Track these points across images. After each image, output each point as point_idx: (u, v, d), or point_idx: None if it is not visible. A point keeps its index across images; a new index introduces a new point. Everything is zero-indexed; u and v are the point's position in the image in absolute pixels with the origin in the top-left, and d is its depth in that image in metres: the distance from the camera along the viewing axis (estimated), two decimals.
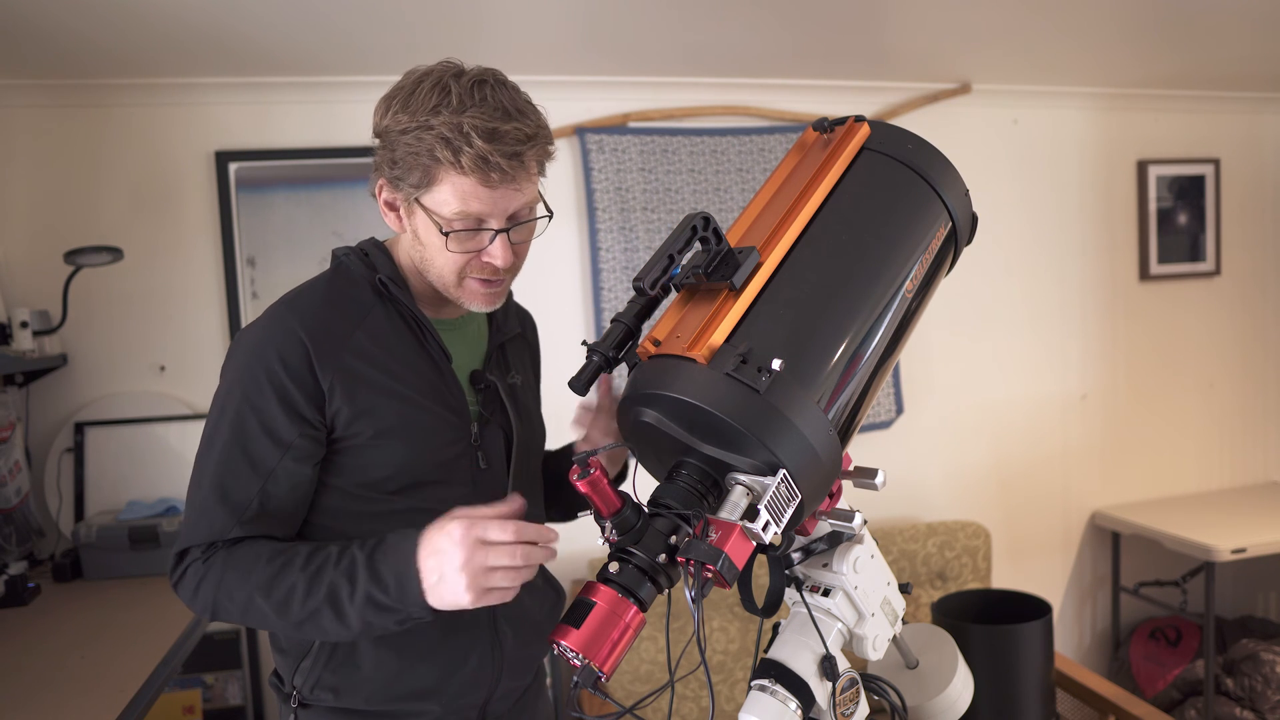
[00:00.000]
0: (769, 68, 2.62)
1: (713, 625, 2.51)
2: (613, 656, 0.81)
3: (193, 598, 1.02)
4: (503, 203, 1.01)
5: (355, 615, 0.95)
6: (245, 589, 0.97)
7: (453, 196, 0.99)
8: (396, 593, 0.93)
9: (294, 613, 0.96)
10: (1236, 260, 3.32)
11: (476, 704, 1.14)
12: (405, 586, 0.92)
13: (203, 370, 2.44)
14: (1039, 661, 2.07)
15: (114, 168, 2.37)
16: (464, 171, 0.97)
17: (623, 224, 2.62)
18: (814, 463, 0.81)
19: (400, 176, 1.02)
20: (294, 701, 1.12)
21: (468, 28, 2.13)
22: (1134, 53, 2.69)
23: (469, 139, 0.96)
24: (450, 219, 1.00)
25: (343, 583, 0.95)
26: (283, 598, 0.96)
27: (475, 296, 1.08)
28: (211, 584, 0.99)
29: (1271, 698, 2.74)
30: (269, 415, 1.01)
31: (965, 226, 1.00)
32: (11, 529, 2.13)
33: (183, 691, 2.37)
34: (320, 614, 0.96)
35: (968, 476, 3.06)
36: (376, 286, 1.10)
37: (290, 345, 1.02)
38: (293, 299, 1.08)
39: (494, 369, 1.17)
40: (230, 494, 1.01)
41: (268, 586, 0.97)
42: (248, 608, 0.98)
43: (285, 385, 1.01)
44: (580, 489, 0.81)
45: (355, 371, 1.04)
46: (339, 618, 0.95)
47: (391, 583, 0.93)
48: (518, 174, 1.00)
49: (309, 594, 0.95)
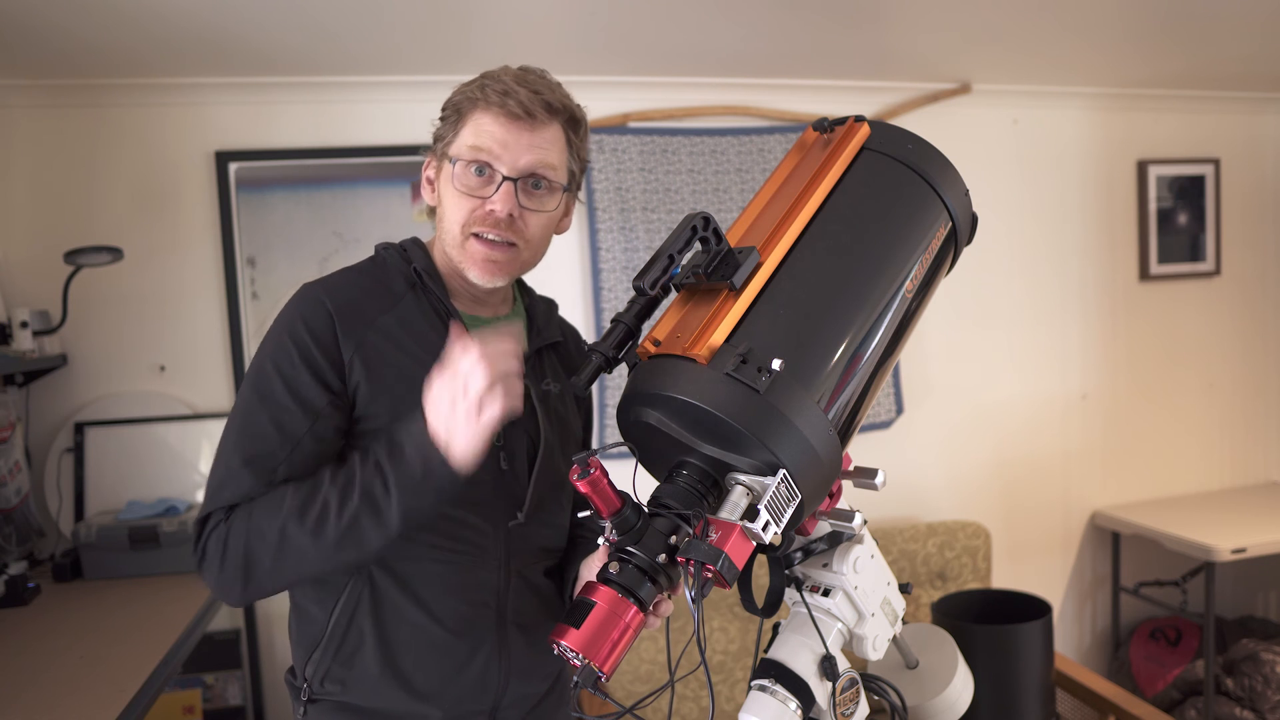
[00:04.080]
0: (769, 68, 2.62)
1: (713, 625, 2.51)
2: (613, 656, 0.81)
3: (220, 563, 0.98)
4: (515, 145, 1.05)
5: (394, 508, 0.95)
6: (276, 522, 0.96)
7: (471, 131, 1.06)
8: (423, 465, 0.94)
9: (330, 530, 0.95)
10: (1236, 260, 3.32)
11: (484, 709, 1.13)
12: (428, 454, 0.94)
13: (203, 370, 2.44)
14: (1039, 661, 2.07)
15: (114, 168, 2.37)
16: (488, 105, 1.04)
17: (623, 224, 2.62)
18: (814, 463, 0.81)
19: (440, 136, 1.10)
20: (304, 695, 1.12)
21: (467, 28, 2.13)
22: (1134, 52, 2.69)
23: (499, 78, 1.06)
24: (464, 151, 1.05)
25: (374, 480, 0.95)
26: (317, 516, 0.95)
27: (476, 260, 1.08)
28: (240, 533, 0.97)
29: (1271, 698, 2.74)
30: (297, 381, 1.02)
31: (965, 226, 1.00)
32: (11, 529, 2.13)
33: (183, 691, 2.37)
34: (359, 520, 0.95)
35: (968, 476, 3.06)
36: (410, 278, 1.12)
37: (317, 314, 1.05)
38: (325, 278, 1.11)
39: (528, 373, 1.16)
40: (257, 459, 1.00)
41: (300, 511, 0.96)
42: (281, 544, 0.96)
43: (311, 351, 1.03)
44: (580, 489, 0.81)
45: (378, 349, 1.05)
46: (377, 517, 0.95)
47: (417, 458, 0.95)
48: (537, 116, 1.05)
49: (343, 503, 0.95)
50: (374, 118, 2.47)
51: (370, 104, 2.47)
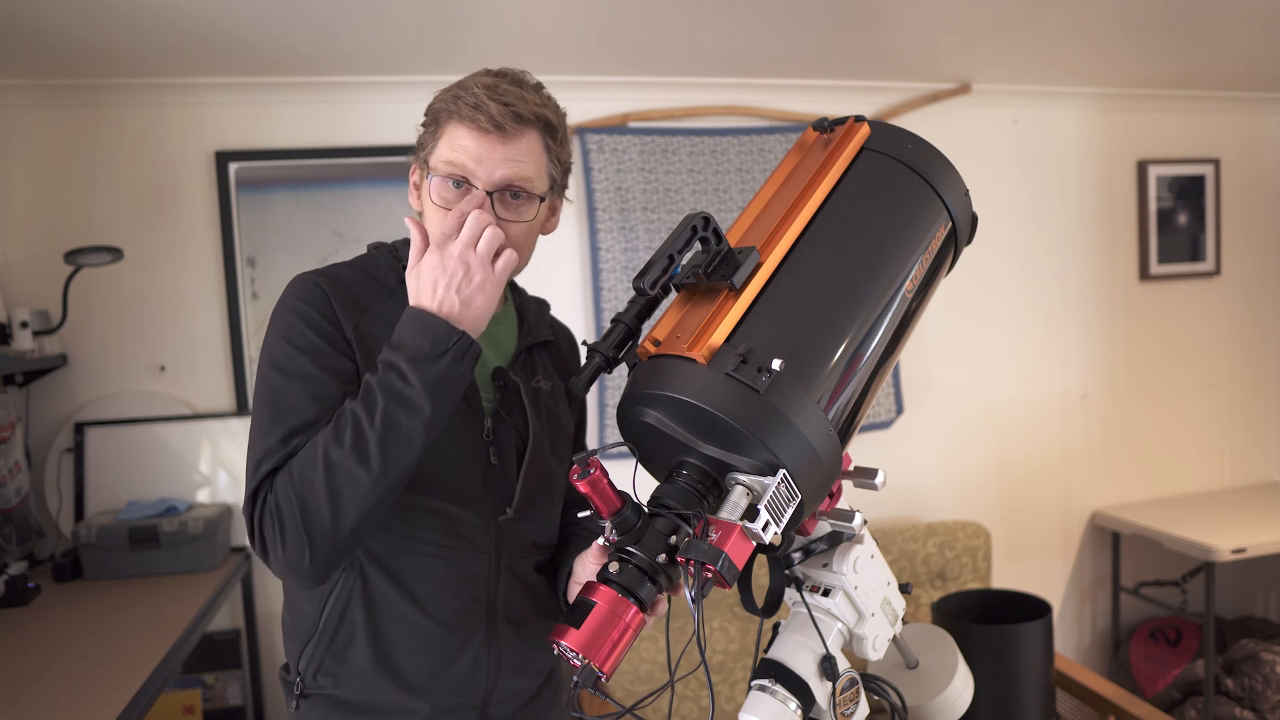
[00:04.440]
0: (769, 68, 2.62)
1: (713, 625, 2.51)
2: (613, 656, 0.81)
3: (280, 533, 0.95)
4: (489, 161, 1.04)
5: (421, 393, 0.95)
6: (315, 457, 0.95)
7: (447, 144, 1.05)
8: (432, 342, 0.96)
9: (369, 439, 0.94)
10: (1236, 260, 3.32)
11: (474, 703, 1.14)
12: (433, 328, 0.96)
13: (203, 370, 2.44)
14: (1039, 661, 2.07)
15: (114, 168, 2.37)
16: (460, 118, 1.03)
17: (623, 224, 2.62)
18: (814, 463, 0.81)
19: (423, 144, 1.09)
20: (297, 689, 1.13)
21: (467, 28, 2.13)
22: (1134, 52, 2.69)
23: (471, 90, 1.04)
24: (439, 166, 1.05)
25: (390, 376, 0.96)
26: (353, 434, 0.95)
27: None
28: (285, 490, 0.96)
29: (1271, 698, 2.74)
30: (318, 351, 1.03)
31: (965, 226, 1.00)
32: (11, 529, 2.13)
33: (183, 691, 2.37)
34: (392, 417, 0.95)
35: (968, 476, 3.06)
36: (400, 274, 1.13)
37: (314, 292, 1.07)
38: (319, 269, 1.12)
39: (518, 370, 1.18)
40: (298, 432, 1.00)
41: (335, 438, 0.96)
42: (330, 479, 0.94)
43: (321, 323, 1.05)
44: (580, 489, 0.81)
45: (373, 334, 1.07)
46: (409, 407, 0.95)
47: (424, 340, 0.96)
48: (508, 129, 1.03)
49: (371, 412, 0.95)
50: (374, 118, 2.47)
51: (370, 104, 2.47)
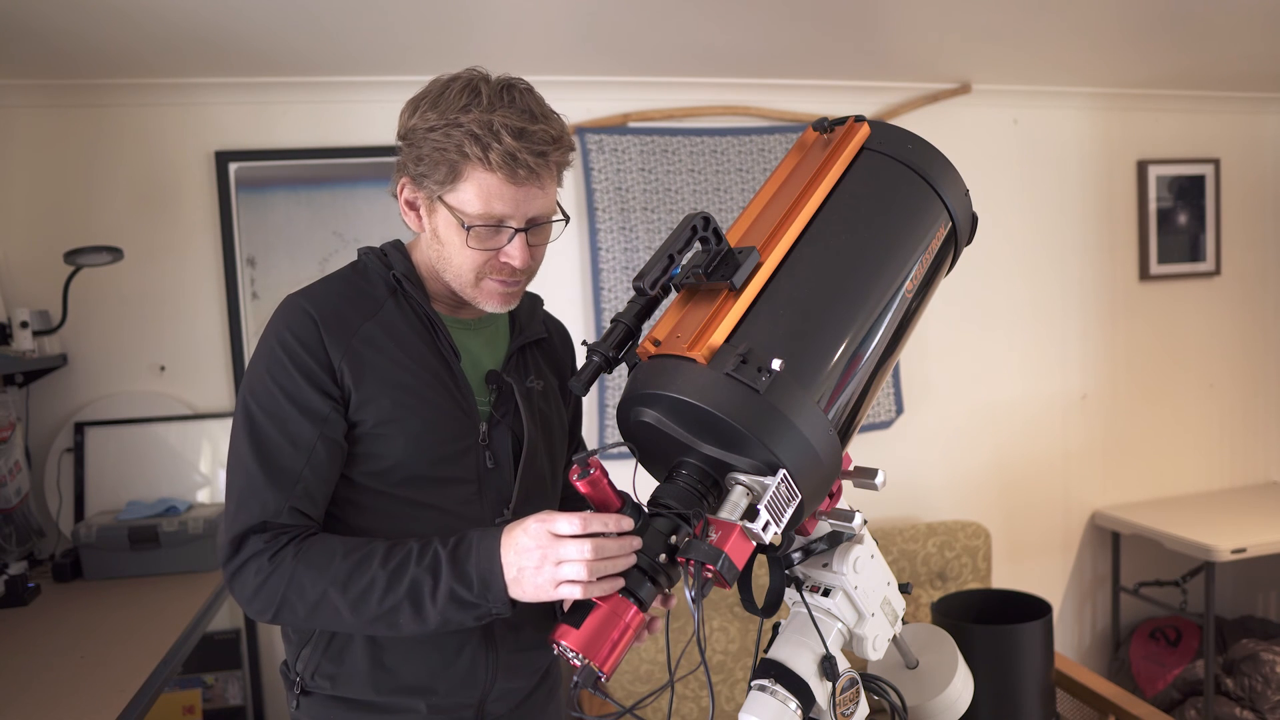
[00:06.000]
0: (769, 68, 2.62)
1: (713, 625, 2.51)
2: (613, 656, 0.81)
3: (253, 595, 0.99)
4: (525, 203, 1.03)
5: (435, 612, 0.96)
6: (319, 585, 0.97)
7: (477, 195, 1.01)
8: (480, 588, 0.94)
9: (370, 609, 0.96)
10: (1237, 260, 3.32)
11: (471, 703, 1.14)
12: (490, 583, 0.94)
13: (203, 370, 2.44)
14: (1039, 661, 2.07)
15: (114, 168, 2.37)
16: (491, 168, 1.00)
17: (623, 224, 2.62)
18: (814, 463, 0.81)
19: (425, 174, 1.04)
20: (297, 688, 1.14)
21: (467, 28, 2.12)
22: (1134, 52, 2.69)
23: (499, 136, 0.99)
24: (473, 216, 1.02)
25: (425, 579, 0.96)
26: (360, 592, 0.96)
27: (492, 297, 1.10)
28: (281, 579, 0.98)
29: (1271, 698, 2.74)
30: (298, 391, 1.03)
31: (965, 226, 1.00)
32: (11, 529, 2.13)
33: (183, 691, 2.37)
34: (399, 610, 0.96)
35: (968, 476, 3.06)
36: (391, 283, 1.12)
37: (302, 322, 1.05)
38: (306, 289, 1.11)
39: (511, 371, 1.18)
40: (277, 473, 1.01)
41: (345, 581, 0.97)
42: (318, 605, 0.97)
43: (304, 359, 1.03)
44: (580, 489, 0.81)
45: (362, 356, 1.06)
46: (418, 613, 0.96)
47: (475, 578, 0.95)
48: (542, 174, 1.03)
49: (389, 590, 0.96)
50: (374, 118, 2.46)
51: (370, 104, 2.46)
